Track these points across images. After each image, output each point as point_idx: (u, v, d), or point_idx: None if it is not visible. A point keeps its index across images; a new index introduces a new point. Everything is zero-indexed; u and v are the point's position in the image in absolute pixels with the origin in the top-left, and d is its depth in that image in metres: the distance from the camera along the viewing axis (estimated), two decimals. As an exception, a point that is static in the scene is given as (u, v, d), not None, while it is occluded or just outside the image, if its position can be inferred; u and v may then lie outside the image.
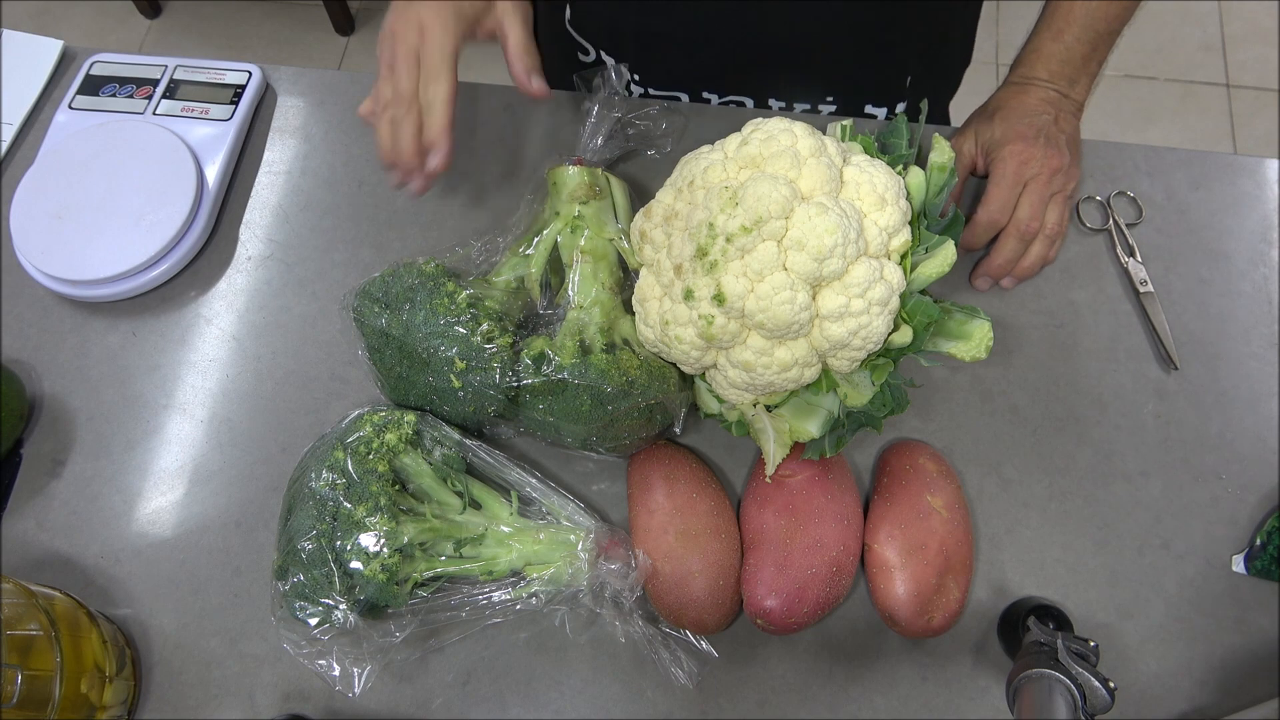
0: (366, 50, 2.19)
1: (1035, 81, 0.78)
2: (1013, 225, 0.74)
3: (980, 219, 0.75)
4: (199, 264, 0.81)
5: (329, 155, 0.86)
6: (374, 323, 0.66)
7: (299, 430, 0.74)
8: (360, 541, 0.60)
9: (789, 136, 0.60)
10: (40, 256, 0.77)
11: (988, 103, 0.81)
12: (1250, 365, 0.75)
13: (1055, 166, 0.74)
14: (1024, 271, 0.77)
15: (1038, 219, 0.74)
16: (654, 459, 0.68)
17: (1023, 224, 0.74)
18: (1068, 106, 0.77)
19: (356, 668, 0.62)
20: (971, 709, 0.65)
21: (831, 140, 0.62)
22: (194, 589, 0.69)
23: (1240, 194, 0.82)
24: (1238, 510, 0.70)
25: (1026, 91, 0.77)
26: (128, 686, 0.65)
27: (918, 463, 0.67)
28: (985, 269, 0.77)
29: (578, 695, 0.66)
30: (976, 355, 0.62)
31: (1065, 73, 0.77)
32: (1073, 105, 0.78)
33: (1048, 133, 0.75)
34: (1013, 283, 0.78)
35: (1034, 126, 0.75)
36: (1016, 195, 0.74)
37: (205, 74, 0.87)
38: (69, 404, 0.76)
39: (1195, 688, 0.65)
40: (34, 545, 0.71)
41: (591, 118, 0.75)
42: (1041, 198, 0.74)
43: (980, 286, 0.78)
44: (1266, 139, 1.99)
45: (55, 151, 0.82)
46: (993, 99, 0.80)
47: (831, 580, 0.63)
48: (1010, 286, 0.78)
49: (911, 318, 0.60)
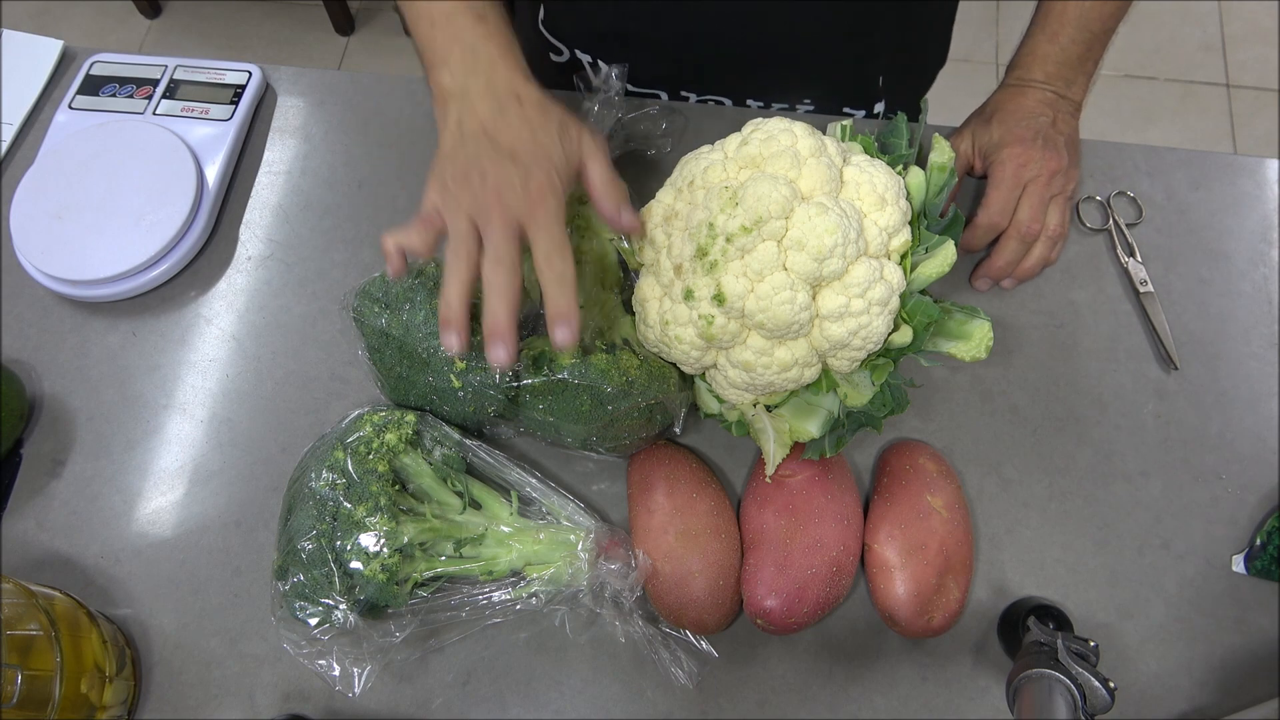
0: (366, 50, 2.19)
1: (1032, 83, 0.78)
2: (1014, 228, 0.75)
3: (980, 222, 0.75)
4: (199, 264, 0.81)
5: (329, 155, 0.86)
6: (374, 322, 0.66)
7: (299, 430, 0.74)
8: (360, 541, 0.60)
9: (789, 136, 0.60)
10: (40, 256, 0.77)
11: (985, 105, 0.81)
12: (1250, 365, 0.75)
13: (1054, 168, 0.74)
14: (1025, 273, 0.77)
15: (1038, 221, 0.74)
16: (654, 459, 0.68)
17: (1024, 226, 0.74)
18: (1065, 107, 0.77)
19: (356, 668, 0.62)
20: (971, 709, 0.65)
21: (831, 140, 0.62)
22: (194, 589, 0.69)
23: (1240, 194, 0.82)
24: (1238, 510, 0.70)
25: (1024, 93, 0.77)
26: (128, 686, 0.65)
27: (918, 463, 0.67)
28: (986, 270, 0.77)
29: (578, 695, 0.66)
30: (976, 355, 0.62)
31: (1062, 74, 0.77)
32: (1070, 106, 0.78)
33: (1046, 134, 0.75)
34: (1013, 283, 0.78)
35: (1032, 129, 0.75)
36: (1016, 198, 0.75)
37: (205, 74, 0.87)
38: (69, 404, 0.76)
39: (1195, 688, 0.65)
40: (34, 545, 0.71)
41: (592, 118, 0.75)
42: (1041, 199, 0.74)
43: (980, 288, 0.78)
44: (1266, 139, 1.99)
45: (55, 151, 0.82)
46: (990, 101, 0.80)
47: (831, 580, 0.63)
48: (1010, 287, 0.78)
49: (911, 318, 0.60)
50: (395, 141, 0.86)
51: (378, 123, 0.87)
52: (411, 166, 0.85)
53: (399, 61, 2.16)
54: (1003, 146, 0.75)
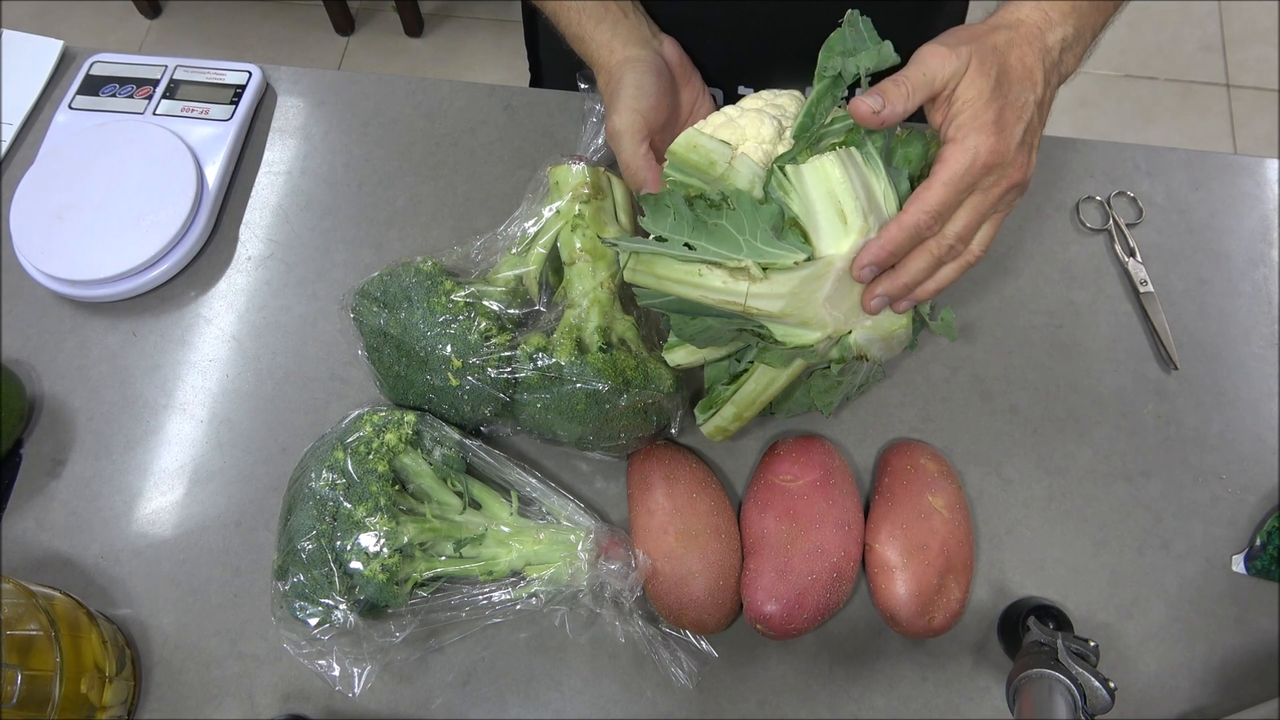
0: (366, 50, 2.19)
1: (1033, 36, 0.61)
2: (938, 240, 0.58)
3: (907, 220, 0.57)
4: (199, 264, 0.81)
5: (329, 155, 0.86)
6: (372, 322, 0.66)
7: (299, 430, 0.74)
8: (360, 541, 0.60)
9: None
10: (40, 256, 0.77)
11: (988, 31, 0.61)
12: (1250, 365, 0.75)
13: (1015, 181, 0.59)
14: (923, 296, 0.61)
15: (967, 240, 0.59)
16: (654, 459, 0.68)
17: (948, 242, 0.58)
18: (1054, 82, 0.63)
19: (356, 668, 0.62)
20: (971, 709, 0.65)
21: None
22: (194, 589, 0.69)
23: (1240, 194, 0.82)
24: (1238, 510, 0.70)
25: (1029, 48, 0.60)
26: (128, 686, 0.65)
27: (919, 463, 0.67)
28: (885, 288, 0.59)
29: (578, 695, 0.66)
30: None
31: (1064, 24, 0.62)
32: (1057, 81, 0.63)
33: (1030, 127, 0.60)
34: (908, 306, 0.61)
35: (1018, 111, 0.58)
36: (961, 202, 0.58)
37: (205, 74, 0.87)
38: (69, 404, 0.76)
39: (1195, 688, 0.65)
40: (34, 545, 0.71)
41: (593, 117, 0.75)
42: (981, 214, 0.59)
43: (873, 309, 0.60)
44: (1266, 139, 1.99)
45: (55, 151, 0.82)
46: (993, 29, 0.61)
47: (832, 586, 0.62)
48: (904, 310, 0.61)
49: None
50: (395, 141, 0.86)
51: (378, 123, 0.87)
52: (411, 166, 0.85)
53: (399, 61, 2.16)
54: (977, 122, 0.57)
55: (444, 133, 0.87)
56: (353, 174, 0.85)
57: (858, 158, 0.57)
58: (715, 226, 0.55)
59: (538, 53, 1.00)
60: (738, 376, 0.65)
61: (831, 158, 0.56)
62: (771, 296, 0.55)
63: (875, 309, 0.60)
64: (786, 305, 0.56)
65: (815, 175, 0.56)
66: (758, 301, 0.55)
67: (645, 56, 0.70)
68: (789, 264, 0.55)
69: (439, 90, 0.89)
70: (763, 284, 0.55)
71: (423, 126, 0.87)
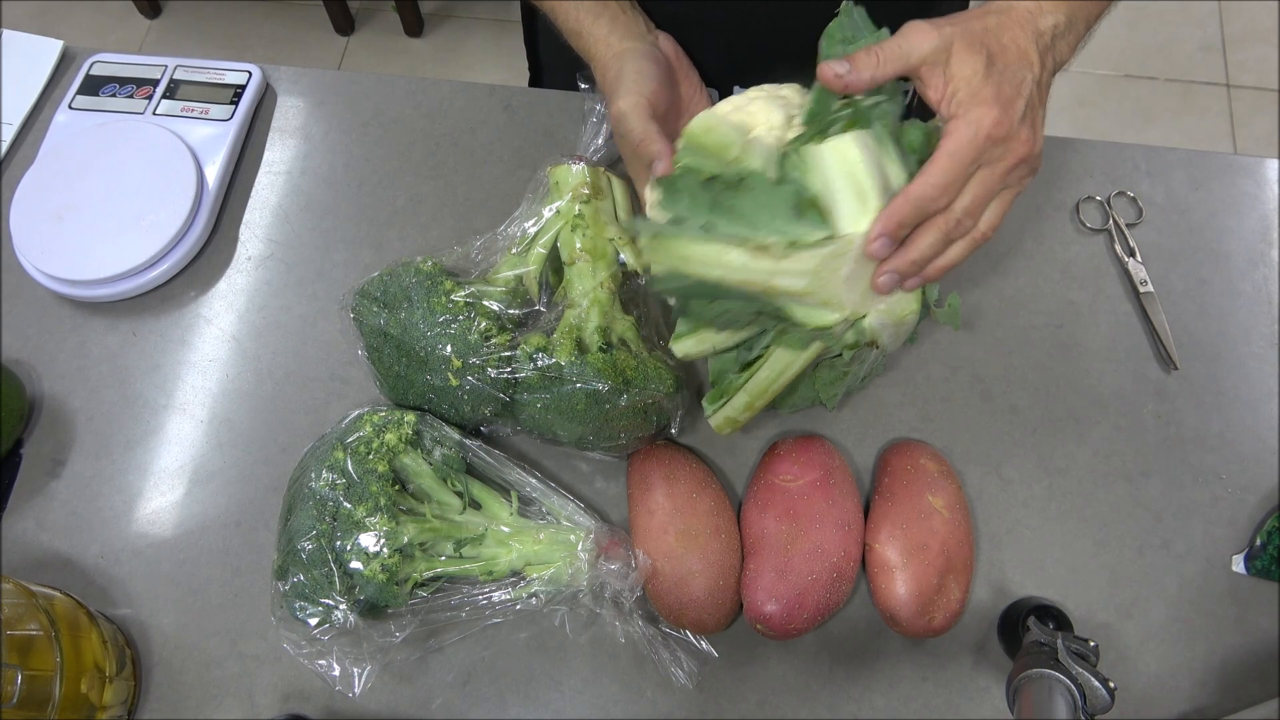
0: (366, 50, 2.19)
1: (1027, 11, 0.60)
2: (945, 216, 0.58)
3: (914, 193, 0.56)
4: (199, 264, 0.81)
5: (329, 155, 0.86)
6: (372, 322, 0.66)
7: (299, 430, 0.74)
8: (360, 541, 0.60)
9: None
10: (40, 256, 0.77)
11: (978, 15, 0.61)
12: (1250, 365, 0.75)
13: (1023, 155, 0.58)
14: (933, 274, 0.60)
15: (975, 216, 0.58)
16: (654, 459, 0.68)
17: (955, 216, 0.57)
18: (1049, 65, 0.62)
19: (356, 668, 0.62)
20: (971, 709, 0.65)
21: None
22: (194, 589, 0.69)
23: (1240, 194, 0.82)
24: (1238, 510, 0.70)
25: (1020, 30, 0.60)
26: (128, 686, 0.65)
27: (919, 462, 0.67)
28: (895, 264, 0.58)
29: (578, 695, 0.66)
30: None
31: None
32: (1053, 65, 0.62)
33: (1031, 103, 0.59)
34: (917, 284, 0.61)
35: (1016, 86, 0.58)
36: (968, 175, 0.57)
37: (205, 74, 0.87)
38: (69, 404, 0.76)
39: (1195, 688, 0.65)
40: (34, 545, 0.71)
41: (593, 117, 0.75)
42: (989, 189, 0.58)
43: (883, 286, 0.59)
44: (1266, 139, 1.99)
45: (55, 151, 0.82)
46: (983, 14, 0.61)
47: (832, 586, 0.62)
48: (914, 289, 0.61)
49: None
50: (395, 141, 0.86)
51: (378, 123, 0.87)
52: (411, 166, 0.85)
53: (399, 61, 2.16)
54: (977, 97, 0.57)
55: (444, 133, 0.87)
56: (353, 174, 0.85)
57: (871, 139, 0.58)
58: (734, 207, 0.55)
59: (537, 53, 1.00)
60: (749, 364, 0.65)
61: (849, 138, 0.56)
62: (797, 274, 0.55)
63: (885, 286, 0.59)
64: (810, 283, 0.56)
65: (835, 155, 0.56)
66: (783, 279, 0.55)
67: (643, 47, 0.70)
68: (812, 241, 0.55)
69: (439, 90, 0.89)
70: (787, 261, 0.55)
71: (423, 126, 0.87)
